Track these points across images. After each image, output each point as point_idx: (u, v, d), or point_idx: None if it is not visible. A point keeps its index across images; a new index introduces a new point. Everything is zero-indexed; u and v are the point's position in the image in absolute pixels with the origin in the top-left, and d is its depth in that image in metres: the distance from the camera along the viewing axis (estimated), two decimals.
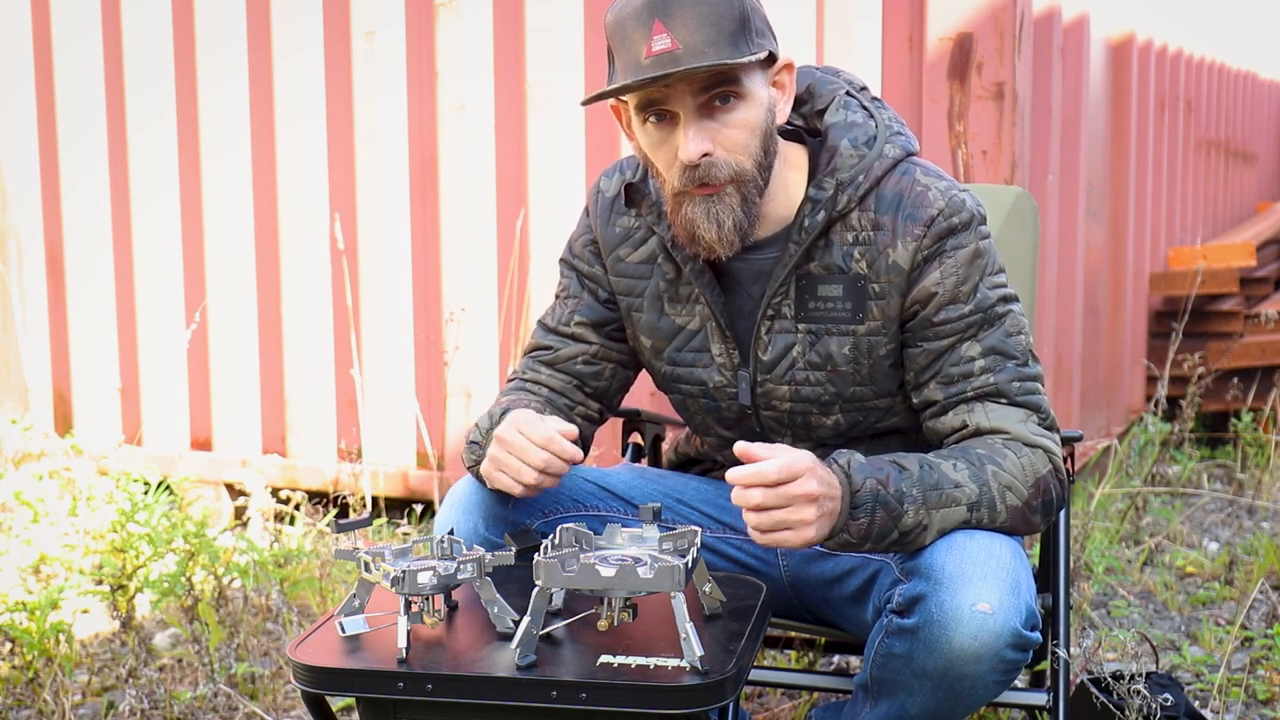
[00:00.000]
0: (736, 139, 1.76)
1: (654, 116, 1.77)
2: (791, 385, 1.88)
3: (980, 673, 1.64)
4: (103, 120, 4.39)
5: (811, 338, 1.86)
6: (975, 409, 1.81)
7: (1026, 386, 1.82)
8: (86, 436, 4.42)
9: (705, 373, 1.93)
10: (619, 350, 2.02)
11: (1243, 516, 4.20)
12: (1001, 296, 1.84)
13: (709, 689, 1.47)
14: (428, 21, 3.89)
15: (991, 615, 1.61)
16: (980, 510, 1.73)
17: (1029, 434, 1.80)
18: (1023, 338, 1.84)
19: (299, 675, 1.56)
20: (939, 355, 1.82)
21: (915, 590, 1.66)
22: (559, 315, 2.03)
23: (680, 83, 1.72)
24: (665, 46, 1.69)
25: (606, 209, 1.98)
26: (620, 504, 2.00)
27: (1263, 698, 2.71)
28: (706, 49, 1.69)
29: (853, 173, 1.82)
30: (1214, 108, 6.74)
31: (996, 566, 1.65)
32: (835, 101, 1.89)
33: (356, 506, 3.49)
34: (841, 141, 1.84)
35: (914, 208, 1.81)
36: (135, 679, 2.71)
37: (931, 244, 1.80)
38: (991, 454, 1.76)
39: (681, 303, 1.93)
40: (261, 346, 4.21)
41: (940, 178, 1.85)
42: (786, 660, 2.76)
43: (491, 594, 1.62)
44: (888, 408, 1.90)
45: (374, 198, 4.01)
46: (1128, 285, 5.06)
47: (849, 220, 1.83)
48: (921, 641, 1.65)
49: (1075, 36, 4.14)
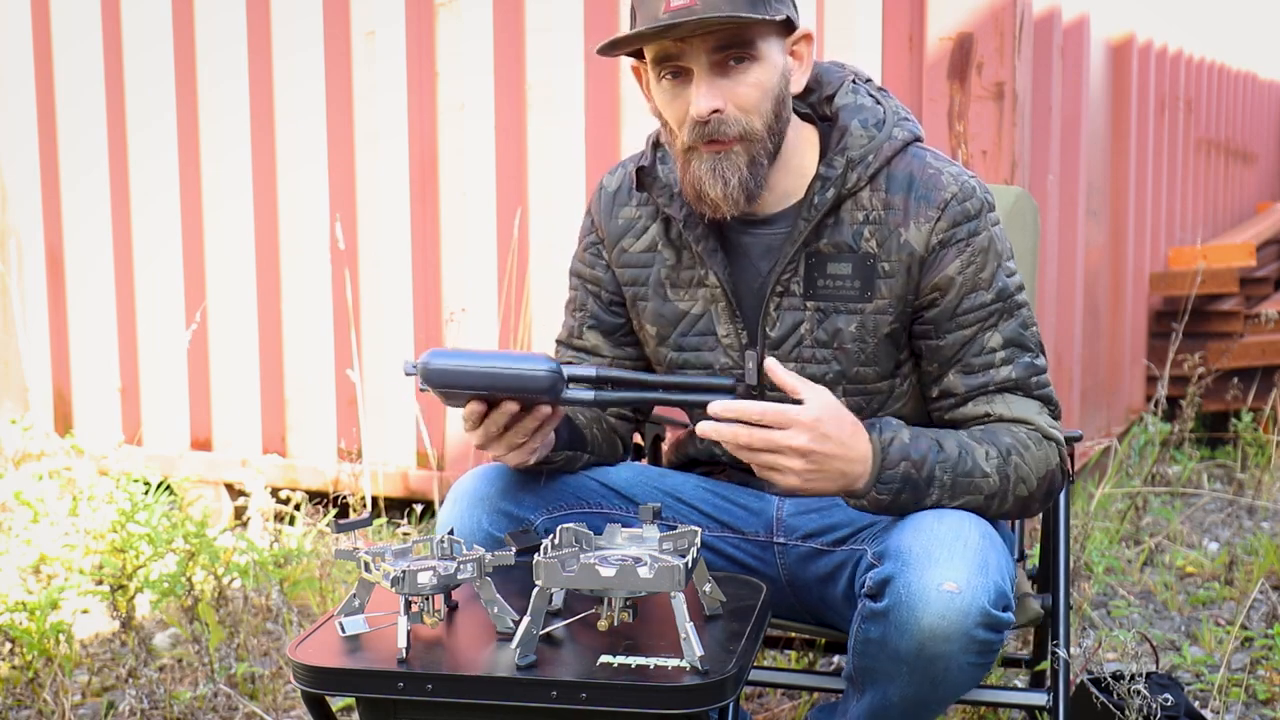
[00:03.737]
0: (748, 98, 1.78)
1: (669, 73, 1.80)
2: (798, 363, 1.90)
3: (952, 652, 1.65)
4: (103, 120, 4.39)
5: (820, 315, 1.88)
6: (996, 400, 1.84)
7: (1041, 380, 1.87)
8: (86, 436, 4.42)
9: (712, 355, 1.95)
10: (632, 358, 2.04)
11: (1243, 516, 4.20)
12: (1017, 285, 1.88)
13: (709, 689, 1.47)
14: (428, 21, 3.89)
15: (958, 594, 1.62)
16: (994, 499, 1.78)
17: (1046, 426, 1.85)
18: (1035, 329, 1.89)
19: (299, 675, 1.56)
20: (962, 345, 1.85)
21: (884, 573, 1.68)
22: (570, 329, 2.07)
23: (695, 38, 1.74)
24: (684, 3, 1.72)
25: (609, 202, 2.01)
26: (622, 502, 2.01)
27: (1263, 698, 2.71)
28: (724, 6, 1.72)
29: (863, 151, 1.85)
30: (1214, 108, 6.74)
31: (963, 547, 1.67)
32: (844, 86, 1.92)
33: (356, 506, 3.49)
34: (852, 122, 1.87)
35: (927, 189, 1.84)
36: (135, 679, 2.71)
37: (947, 228, 1.83)
38: (1017, 444, 1.80)
39: (684, 287, 1.95)
40: (261, 346, 4.21)
41: (949, 163, 1.88)
42: (786, 660, 2.76)
43: (491, 594, 1.62)
44: (888, 391, 1.91)
45: (374, 198, 4.01)
46: (1128, 285, 5.06)
47: (859, 199, 1.86)
48: (892, 624, 1.66)
49: (1075, 37, 4.14)
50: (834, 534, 1.94)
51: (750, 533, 2.00)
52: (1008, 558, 1.75)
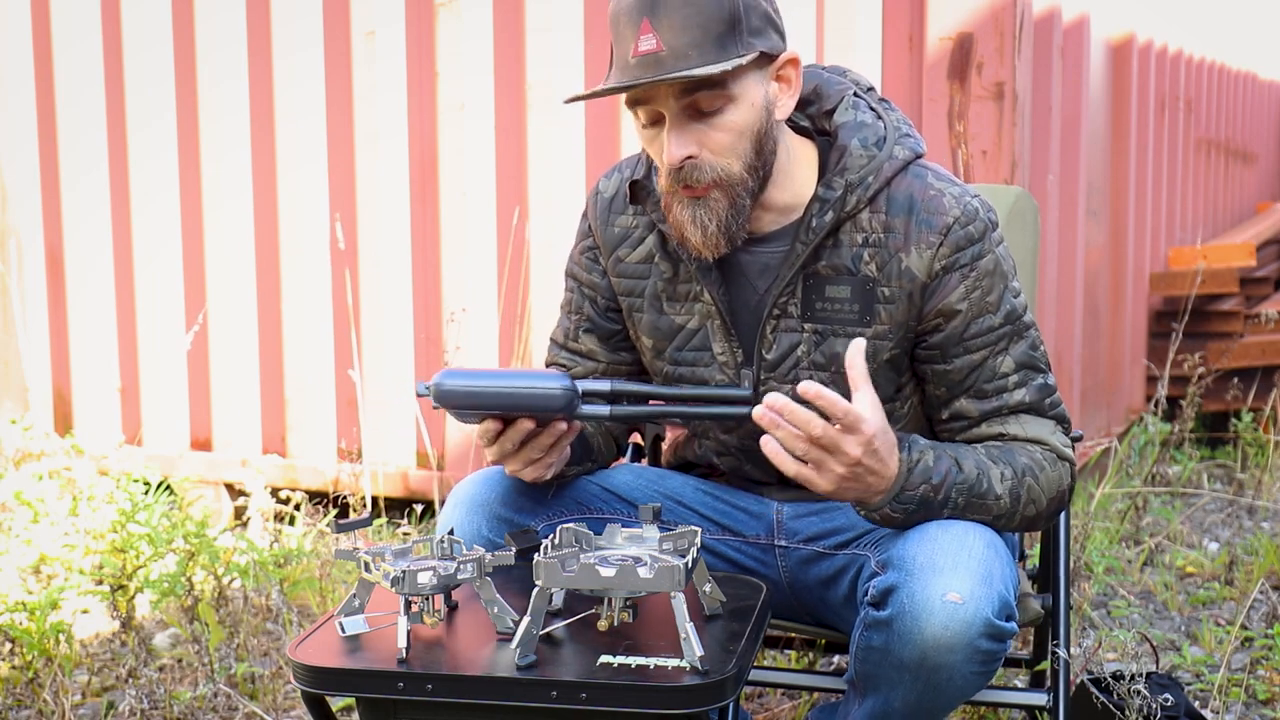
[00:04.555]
0: (722, 142, 1.74)
1: (645, 117, 1.77)
2: (795, 386, 1.88)
3: (955, 663, 1.65)
4: (103, 120, 4.39)
5: (817, 338, 1.85)
6: (1009, 421, 1.83)
7: (1054, 400, 1.85)
8: (86, 436, 4.42)
9: (707, 372, 1.92)
10: (627, 363, 2.02)
11: (1243, 516, 4.20)
12: (1024, 305, 1.85)
13: (709, 689, 1.47)
14: (428, 21, 3.89)
15: (962, 605, 1.62)
16: (1001, 519, 1.78)
17: (1060, 446, 1.84)
18: (1043, 349, 1.87)
19: (299, 675, 1.56)
20: (972, 369, 1.82)
21: (888, 582, 1.68)
22: (566, 329, 2.04)
23: (662, 86, 1.71)
24: (650, 48, 1.69)
25: (605, 209, 1.98)
26: (623, 505, 2.00)
27: (1263, 698, 2.71)
28: (690, 52, 1.68)
29: (862, 173, 1.81)
30: (1214, 108, 6.74)
31: (968, 557, 1.66)
32: (844, 101, 1.87)
33: (356, 506, 3.49)
34: (851, 141, 1.82)
35: (928, 213, 1.80)
36: (135, 679, 2.71)
37: (950, 253, 1.79)
38: (1033, 465, 1.80)
39: (680, 301, 1.92)
40: (261, 346, 4.21)
41: (952, 183, 1.84)
42: (786, 660, 2.76)
43: (491, 594, 1.62)
44: (888, 415, 1.89)
45: (374, 198, 4.01)
46: (1128, 285, 5.06)
47: (859, 221, 1.82)
48: (895, 633, 1.66)
49: (1075, 37, 4.14)
50: (836, 538, 1.93)
51: (751, 536, 1.99)
52: (1011, 566, 1.75)
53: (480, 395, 1.73)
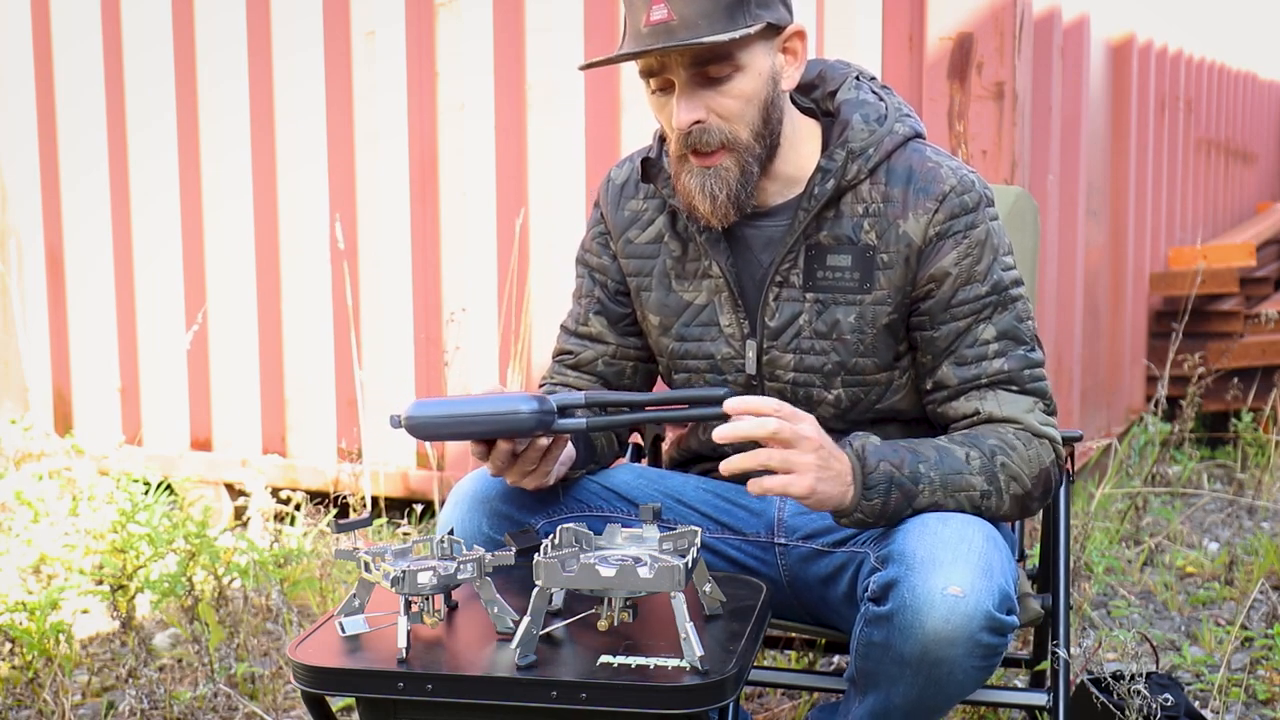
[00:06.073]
0: (731, 108, 1.80)
1: (656, 84, 1.83)
2: (797, 354, 1.91)
3: (956, 656, 1.65)
4: (103, 120, 4.39)
5: (819, 307, 1.89)
6: (987, 396, 1.85)
7: (1035, 373, 1.87)
8: (86, 436, 4.42)
9: (713, 345, 1.96)
10: (636, 347, 2.05)
11: (1243, 516, 4.20)
12: (1014, 279, 1.88)
13: (709, 689, 1.47)
14: (428, 21, 3.89)
15: (963, 598, 1.62)
16: (989, 498, 1.79)
17: (1036, 424, 1.85)
18: (1031, 323, 1.89)
19: (299, 675, 1.56)
20: (956, 336, 1.86)
21: (888, 576, 1.68)
22: (576, 315, 2.08)
23: (672, 54, 1.76)
24: (662, 17, 1.75)
25: (616, 194, 2.03)
26: (624, 504, 2.01)
27: (1263, 698, 2.71)
28: (700, 22, 1.74)
29: (863, 144, 1.86)
30: (1214, 108, 6.74)
31: (968, 550, 1.67)
32: (847, 83, 1.95)
33: (356, 506, 3.49)
34: (854, 116, 1.89)
35: (926, 182, 1.85)
36: (135, 679, 2.71)
37: (945, 220, 1.84)
38: (1003, 444, 1.81)
39: (689, 278, 1.96)
40: (261, 346, 4.21)
41: (950, 158, 1.90)
42: (786, 660, 2.76)
43: (491, 594, 1.62)
44: (887, 383, 1.92)
45: (374, 198, 4.01)
46: (1128, 285, 5.06)
47: (859, 192, 1.87)
48: (896, 627, 1.66)
49: (1075, 37, 4.14)
50: (835, 535, 1.93)
51: (751, 534, 2.00)
52: (1011, 560, 1.75)
53: (450, 423, 1.75)
